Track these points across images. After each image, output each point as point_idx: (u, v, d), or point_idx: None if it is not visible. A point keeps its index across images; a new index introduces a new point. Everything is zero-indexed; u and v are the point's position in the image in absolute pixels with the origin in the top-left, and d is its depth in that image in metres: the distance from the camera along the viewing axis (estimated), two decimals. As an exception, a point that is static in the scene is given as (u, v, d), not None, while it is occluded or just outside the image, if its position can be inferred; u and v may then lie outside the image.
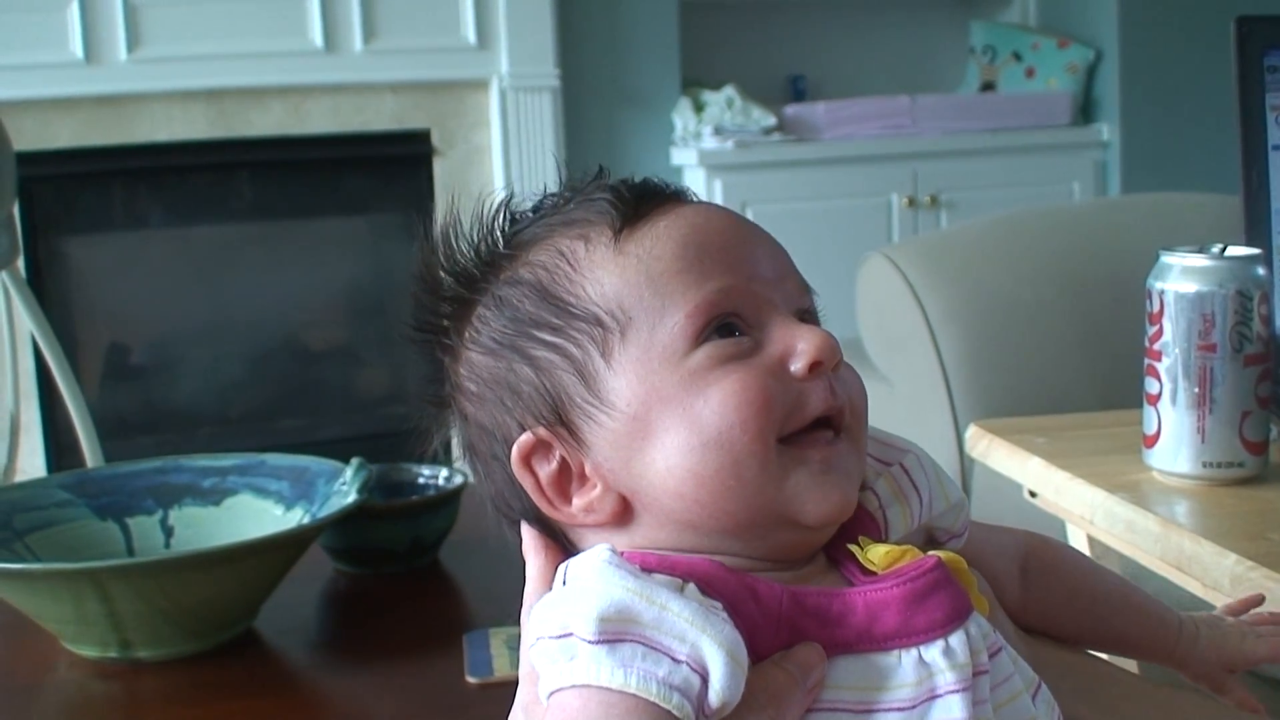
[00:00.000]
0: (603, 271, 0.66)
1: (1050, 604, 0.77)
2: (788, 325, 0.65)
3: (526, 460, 0.66)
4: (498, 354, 0.67)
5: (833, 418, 0.64)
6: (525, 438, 0.66)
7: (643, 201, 0.68)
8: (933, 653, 0.60)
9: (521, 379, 0.66)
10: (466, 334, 0.69)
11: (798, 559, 0.65)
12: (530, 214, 0.70)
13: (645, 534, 0.65)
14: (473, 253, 0.70)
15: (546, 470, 0.66)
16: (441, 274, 0.71)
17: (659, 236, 0.66)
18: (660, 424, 0.63)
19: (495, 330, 0.68)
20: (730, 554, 0.63)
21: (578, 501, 0.66)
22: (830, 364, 0.64)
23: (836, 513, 0.64)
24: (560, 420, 0.65)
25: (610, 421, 0.64)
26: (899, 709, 0.59)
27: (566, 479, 0.66)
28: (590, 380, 0.65)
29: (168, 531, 1.47)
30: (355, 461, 1.44)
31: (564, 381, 0.65)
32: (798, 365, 0.64)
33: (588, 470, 0.65)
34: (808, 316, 0.68)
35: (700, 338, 0.64)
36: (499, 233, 0.70)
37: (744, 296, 0.65)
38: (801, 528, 0.64)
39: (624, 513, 0.65)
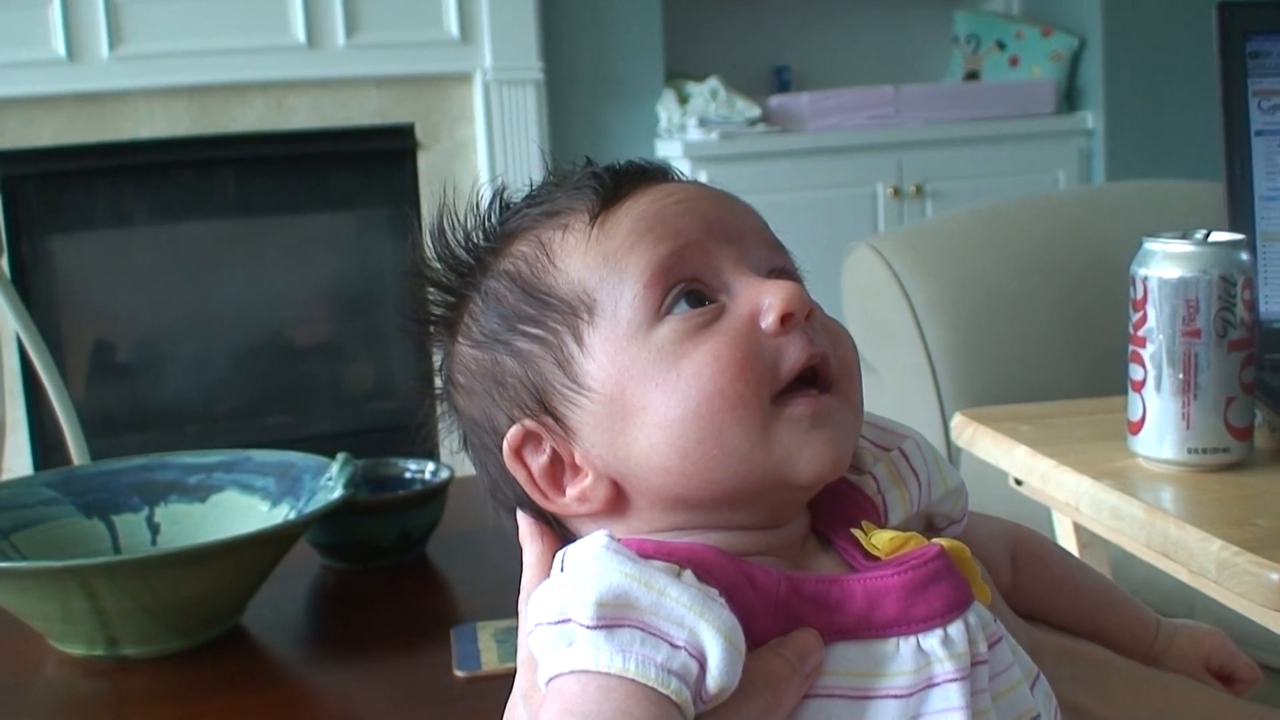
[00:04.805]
0: (571, 259, 0.66)
1: (1036, 594, 0.77)
2: (752, 282, 0.64)
3: (518, 452, 0.66)
4: (486, 347, 0.68)
5: (818, 368, 0.64)
6: (515, 430, 0.66)
7: (621, 185, 0.67)
8: (931, 641, 0.60)
9: (507, 371, 0.67)
10: (459, 328, 0.70)
11: (790, 520, 0.65)
12: (520, 203, 0.71)
13: (641, 518, 0.65)
14: (463, 247, 0.70)
15: (538, 462, 0.66)
16: (434, 269, 0.71)
17: (620, 218, 0.66)
18: (637, 402, 0.63)
19: (483, 325, 0.68)
20: (729, 527, 0.63)
21: (571, 491, 0.66)
22: (801, 314, 0.63)
23: (830, 469, 0.63)
24: (545, 410, 0.65)
25: (591, 405, 0.64)
26: (896, 696, 0.59)
27: (559, 469, 0.66)
28: (567, 366, 0.65)
29: (154, 529, 1.47)
30: (341, 457, 1.44)
31: (545, 371, 0.65)
32: (768, 321, 0.63)
33: (578, 459, 0.65)
34: (784, 275, 0.67)
35: (662, 309, 0.64)
36: (488, 226, 0.70)
37: (700, 255, 0.65)
38: (794, 488, 0.63)
39: (617, 499, 0.65)
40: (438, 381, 0.72)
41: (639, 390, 0.63)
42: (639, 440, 0.63)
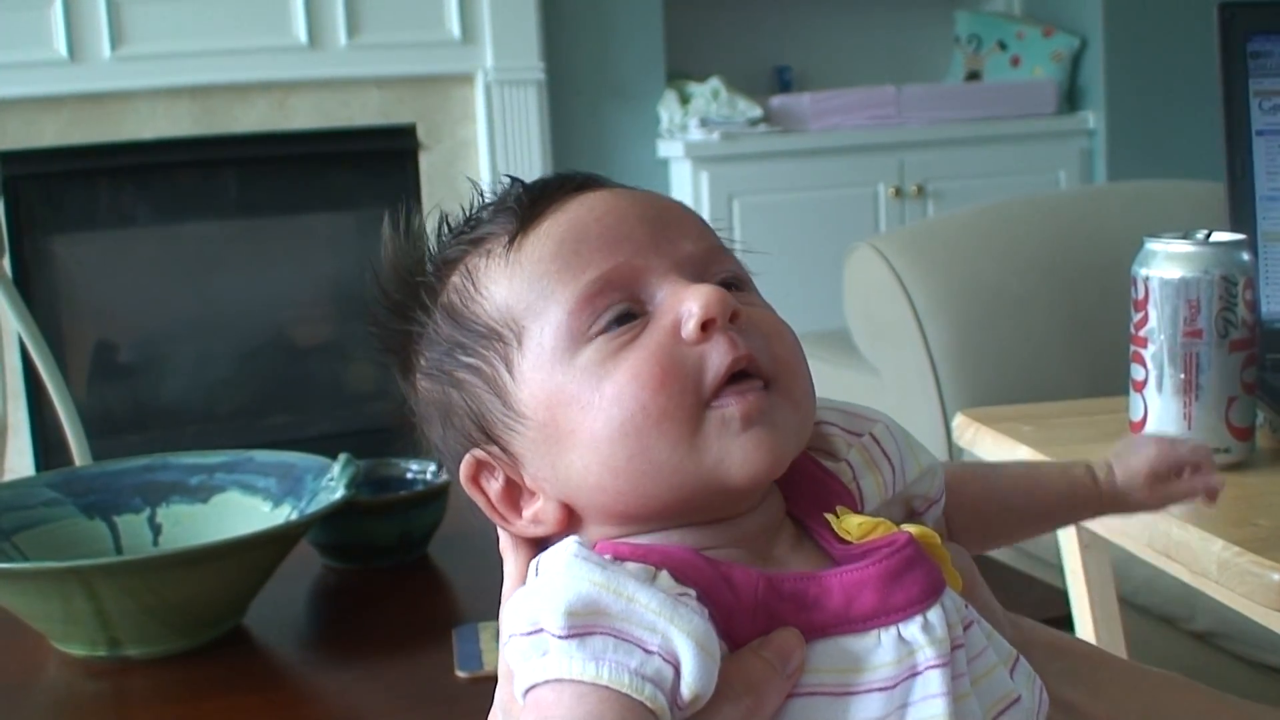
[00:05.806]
0: (494, 285, 0.66)
1: (965, 517, 0.76)
2: (675, 290, 0.64)
3: (474, 480, 0.67)
4: (435, 378, 0.68)
5: (748, 370, 0.62)
6: (467, 459, 0.67)
7: (538, 203, 0.67)
8: (912, 629, 0.60)
9: (453, 402, 0.67)
10: (414, 362, 0.70)
11: (750, 509, 0.65)
12: (456, 229, 0.70)
13: (596, 535, 0.64)
14: (409, 281, 0.70)
15: (493, 488, 0.67)
16: (386, 302, 0.71)
17: (541, 238, 0.65)
18: (566, 426, 0.63)
19: (430, 358, 0.68)
20: (683, 530, 0.63)
21: (526, 514, 0.66)
22: (723, 317, 0.62)
23: (764, 471, 0.62)
24: (490, 439, 0.66)
25: (527, 431, 0.64)
26: (880, 689, 0.59)
27: (515, 493, 0.66)
28: (503, 395, 0.65)
29: (155, 529, 1.47)
30: (342, 457, 1.44)
31: (484, 400, 0.66)
32: (688, 329, 0.62)
33: (528, 483, 0.66)
34: (723, 274, 0.66)
35: (590, 331, 0.63)
36: (425, 258, 0.70)
37: (627, 275, 0.64)
38: (731, 492, 0.62)
39: (570, 520, 0.65)
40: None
41: (568, 414, 0.63)
42: (574, 463, 0.63)
